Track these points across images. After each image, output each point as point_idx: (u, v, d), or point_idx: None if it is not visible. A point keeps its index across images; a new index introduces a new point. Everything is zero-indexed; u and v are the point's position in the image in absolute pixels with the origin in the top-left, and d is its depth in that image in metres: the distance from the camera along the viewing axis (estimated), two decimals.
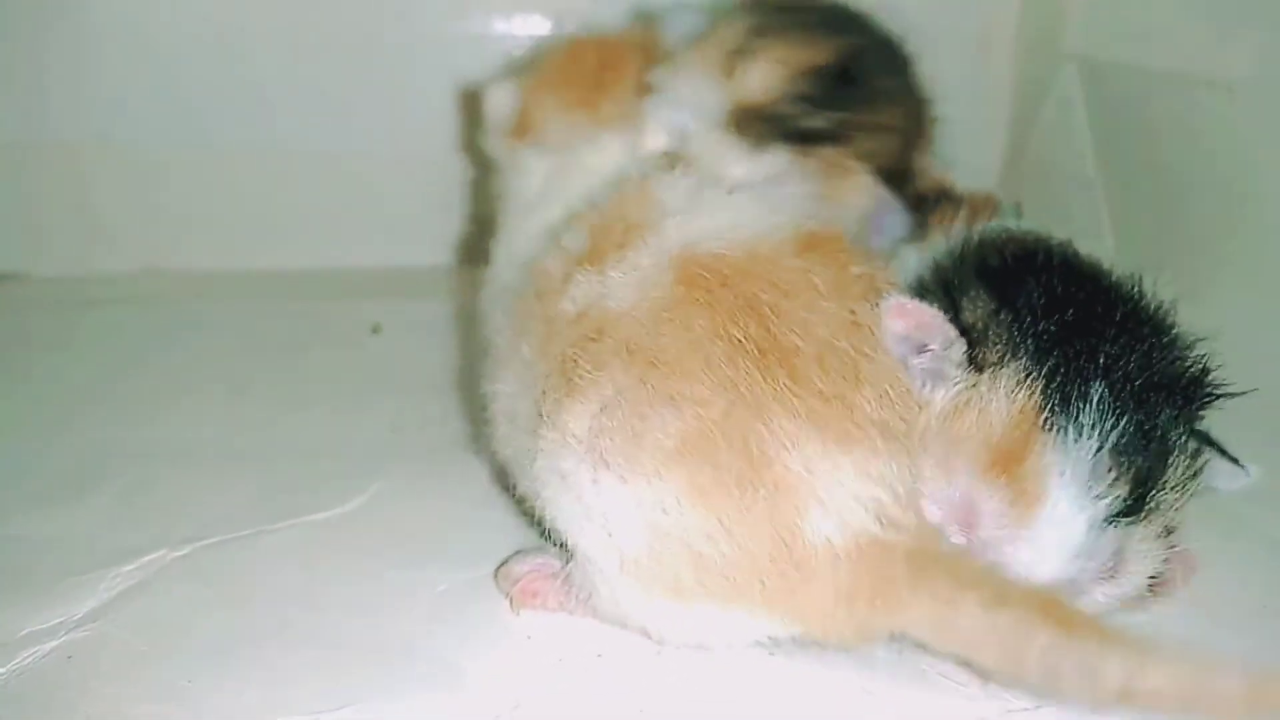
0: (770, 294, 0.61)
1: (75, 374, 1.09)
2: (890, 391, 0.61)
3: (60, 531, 0.80)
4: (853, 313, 0.62)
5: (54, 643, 0.67)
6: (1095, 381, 0.60)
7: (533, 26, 1.39)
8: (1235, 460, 0.65)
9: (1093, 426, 0.59)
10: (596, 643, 0.67)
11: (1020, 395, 0.61)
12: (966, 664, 0.60)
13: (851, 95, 0.76)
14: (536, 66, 0.92)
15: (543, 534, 0.68)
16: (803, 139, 0.76)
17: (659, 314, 0.62)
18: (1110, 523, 0.59)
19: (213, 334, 1.19)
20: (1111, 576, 0.61)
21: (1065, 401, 0.60)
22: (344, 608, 0.71)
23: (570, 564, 0.66)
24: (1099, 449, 0.59)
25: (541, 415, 0.64)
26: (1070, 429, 0.59)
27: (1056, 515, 0.59)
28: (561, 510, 0.63)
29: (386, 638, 0.68)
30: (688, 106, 0.78)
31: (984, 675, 0.61)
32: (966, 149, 1.41)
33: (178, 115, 1.35)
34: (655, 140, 0.79)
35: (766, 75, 0.76)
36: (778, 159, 0.75)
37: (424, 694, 0.63)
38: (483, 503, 0.84)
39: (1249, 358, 1.07)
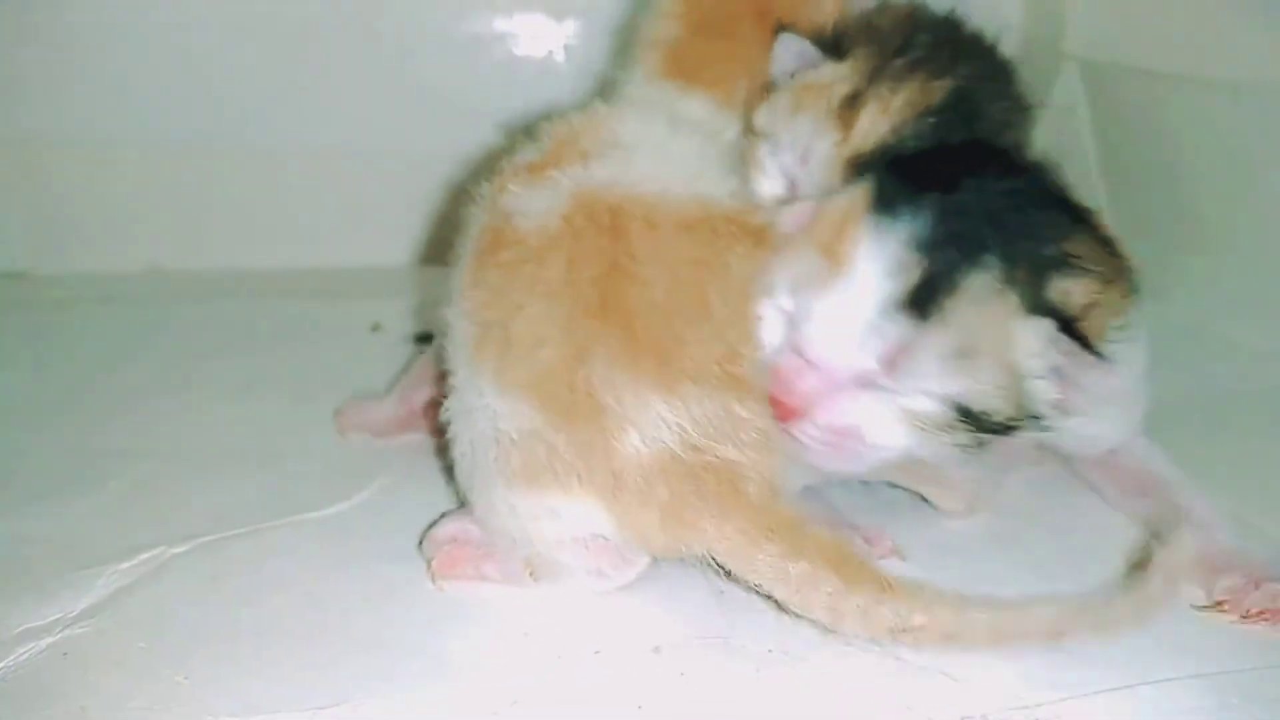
0: (634, 254, 0.68)
1: (76, 372, 1.10)
2: (720, 357, 0.67)
3: (59, 528, 0.80)
4: (704, 292, 0.68)
5: (51, 639, 0.66)
6: (924, 199, 0.66)
7: (533, 26, 1.39)
8: (1098, 354, 0.65)
9: (905, 220, 0.65)
10: (595, 640, 0.67)
11: (865, 184, 0.69)
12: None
13: (964, 129, 0.77)
14: None
15: None
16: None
17: (546, 243, 0.69)
18: (898, 311, 0.64)
19: (214, 332, 1.20)
20: (893, 370, 0.65)
21: (893, 194, 0.66)
22: (343, 604, 0.71)
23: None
24: (902, 240, 0.65)
25: (459, 307, 0.71)
26: (884, 216, 0.66)
27: (851, 284, 0.65)
28: (460, 388, 0.71)
29: (385, 634, 0.68)
30: (799, 153, 0.78)
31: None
32: None
33: (181, 114, 1.36)
34: (772, 186, 0.79)
35: (880, 122, 0.76)
36: None
37: (422, 690, 0.63)
38: None
39: (1251, 355, 1.08)
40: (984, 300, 0.64)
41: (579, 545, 0.69)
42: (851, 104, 0.76)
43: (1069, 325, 0.65)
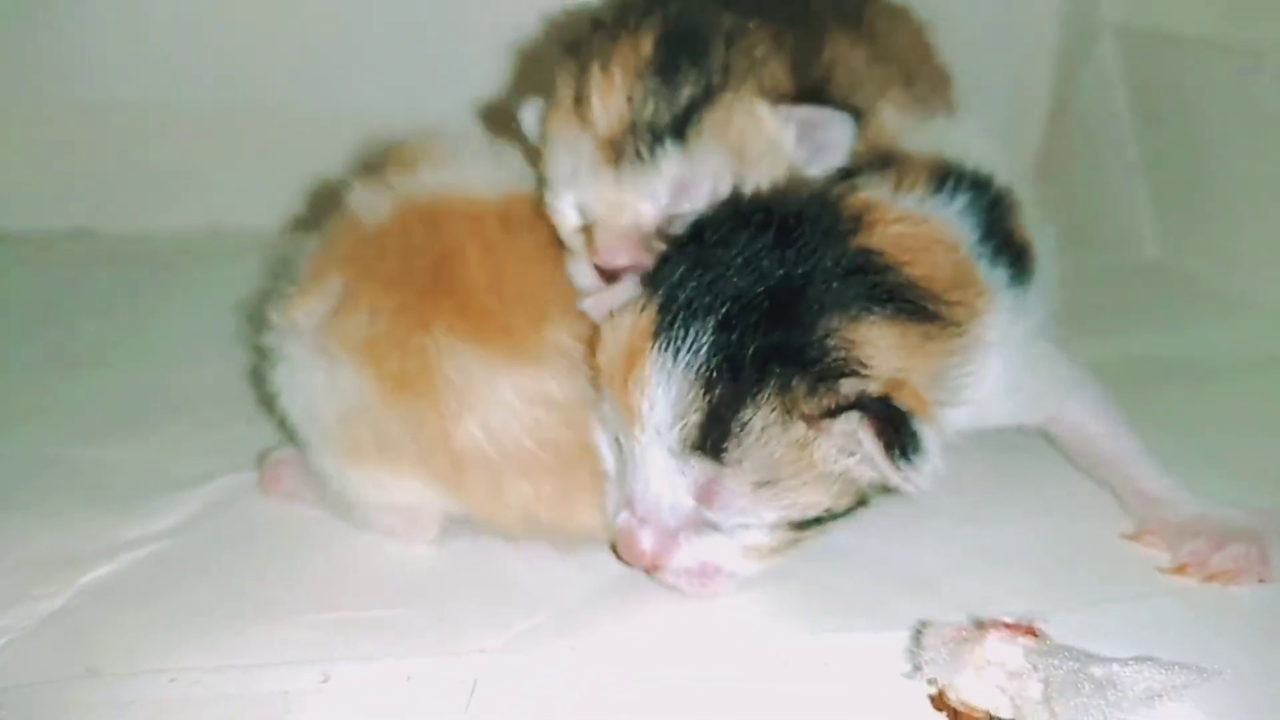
0: (460, 244, 0.72)
1: (146, 320, 1.16)
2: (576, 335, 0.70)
3: (140, 456, 0.87)
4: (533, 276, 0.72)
5: (146, 550, 0.74)
6: (702, 315, 0.62)
7: None
8: (897, 464, 0.60)
9: (682, 356, 0.61)
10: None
11: (644, 316, 0.64)
12: None
13: (699, 50, 0.72)
14: None
15: None
16: (680, 123, 0.71)
17: (378, 234, 0.73)
18: (695, 452, 0.62)
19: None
20: (712, 504, 0.63)
21: (670, 319, 0.63)
22: None
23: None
24: (681, 379, 0.61)
25: (306, 286, 0.75)
26: (663, 352, 0.62)
27: (647, 434, 0.63)
28: (282, 380, 0.74)
29: (444, 549, 0.74)
30: (571, 179, 0.73)
31: None
32: (1007, 117, 1.45)
33: (241, 78, 1.40)
34: (570, 222, 0.74)
35: (611, 100, 0.71)
36: (671, 158, 0.71)
37: (477, 604, 0.68)
38: None
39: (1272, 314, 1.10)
40: (774, 433, 0.61)
41: (390, 511, 0.73)
42: (580, 103, 0.73)
43: (874, 411, 0.60)
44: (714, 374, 0.61)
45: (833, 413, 0.61)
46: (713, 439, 0.61)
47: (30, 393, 0.98)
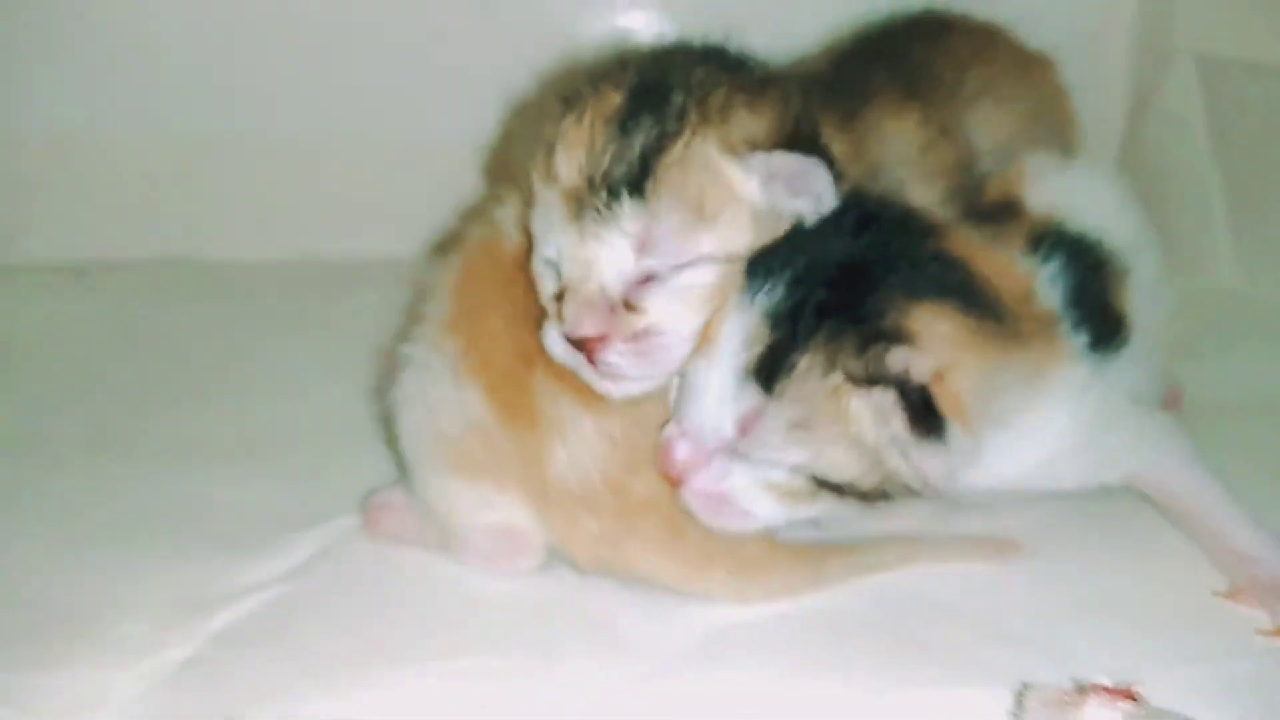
0: None
1: (245, 352, 1.18)
2: None
3: (253, 493, 0.90)
4: None
5: (268, 594, 0.77)
6: (781, 271, 0.69)
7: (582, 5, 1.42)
8: (917, 445, 0.67)
9: (761, 294, 0.69)
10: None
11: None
12: None
13: (660, 100, 0.72)
14: None
15: None
16: (637, 176, 0.70)
17: (517, 263, 0.78)
18: (750, 381, 0.68)
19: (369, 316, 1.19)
20: (748, 437, 0.69)
21: (757, 268, 0.70)
22: None
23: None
24: (756, 313, 0.69)
25: (441, 302, 0.81)
26: (747, 291, 0.70)
27: (715, 356, 0.70)
28: (406, 391, 0.80)
29: (548, 594, 0.77)
30: (545, 237, 0.74)
31: None
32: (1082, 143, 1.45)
33: (335, 108, 1.44)
34: (547, 287, 0.75)
35: (573, 152, 0.72)
36: (629, 213, 0.70)
37: (582, 651, 0.71)
38: None
39: None
40: (815, 376, 0.67)
41: (491, 533, 0.78)
42: (549, 154, 0.73)
43: (911, 395, 0.66)
44: (779, 317, 0.68)
45: (875, 380, 0.66)
46: (766, 371, 0.68)
47: (133, 427, 1.01)
